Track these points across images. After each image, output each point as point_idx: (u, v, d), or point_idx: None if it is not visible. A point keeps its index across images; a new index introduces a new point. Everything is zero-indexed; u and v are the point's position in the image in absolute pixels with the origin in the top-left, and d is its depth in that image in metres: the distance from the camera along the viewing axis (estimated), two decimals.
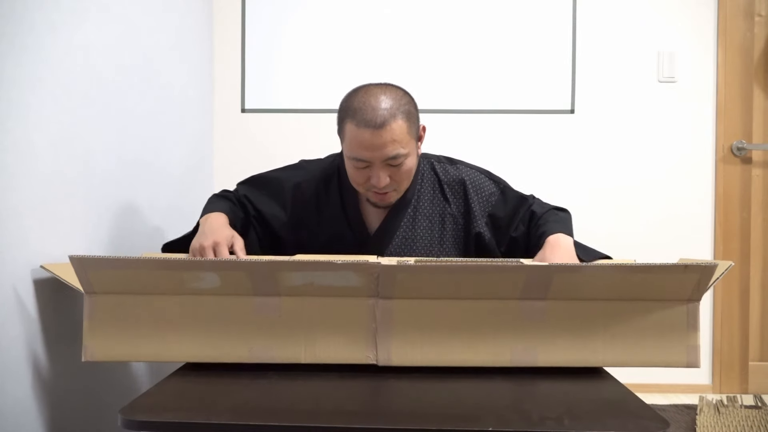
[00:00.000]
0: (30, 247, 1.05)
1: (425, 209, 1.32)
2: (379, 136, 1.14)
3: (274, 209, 1.33)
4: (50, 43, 1.11)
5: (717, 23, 2.21)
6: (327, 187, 1.33)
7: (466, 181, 1.33)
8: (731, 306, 2.24)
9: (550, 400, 0.86)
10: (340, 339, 0.93)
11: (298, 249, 1.31)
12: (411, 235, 1.31)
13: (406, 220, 1.31)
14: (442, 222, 1.32)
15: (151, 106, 1.59)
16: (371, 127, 1.14)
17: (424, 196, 1.33)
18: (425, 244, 1.31)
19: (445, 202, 1.33)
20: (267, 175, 1.39)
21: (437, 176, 1.34)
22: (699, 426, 1.84)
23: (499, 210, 1.33)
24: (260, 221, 1.35)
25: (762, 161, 2.24)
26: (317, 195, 1.32)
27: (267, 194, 1.34)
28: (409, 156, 1.20)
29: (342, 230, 1.32)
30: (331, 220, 1.32)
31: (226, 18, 2.22)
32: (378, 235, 1.31)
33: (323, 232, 1.32)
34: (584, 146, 2.23)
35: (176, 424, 0.77)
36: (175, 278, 0.91)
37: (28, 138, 1.04)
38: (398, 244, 1.30)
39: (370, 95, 1.17)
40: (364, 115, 1.14)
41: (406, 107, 1.19)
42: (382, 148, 1.15)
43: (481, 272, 0.91)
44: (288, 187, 1.33)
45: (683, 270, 0.90)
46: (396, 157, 1.17)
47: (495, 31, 2.21)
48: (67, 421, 1.15)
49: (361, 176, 1.21)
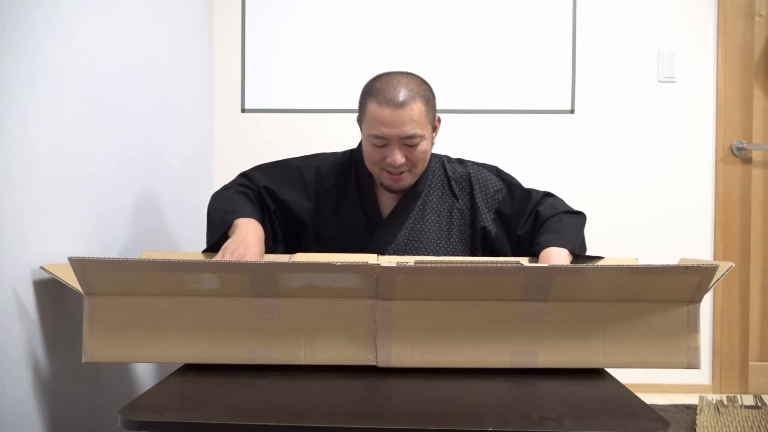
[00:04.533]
0: (30, 247, 1.05)
1: (434, 204, 1.36)
2: (399, 114, 1.20)
3: (299, 198, 1.35)
4: (50, 43, 1.11)
5: (717, 23, 2.21)
6: (345, 176, 1.37)
7: (472, 176, 1.37)
8: (731, 306, 2.24)
9: (550, 400, 0.86)
10: (339, 340, 0.93)
11: (316, 237, 1.33)
12: (419, 227, 1.34)
13: (415, 212, 1.34)
14: (449, 216, 1.35)
15: (151, 106, 1.59)
16: (392, 105, 1.21)
17: (433, 191, 1.37)
18: (433, 236, 1.34)
19: (453, 197, 1.37)
20: (286, 164, 1.39)
21: (446, 173, 1.39)
22: (699, 426, 1.84)
23: (507, 206, 1.36)
24: (283, 212, 1.35)
25: (762, 161, 2.24)
26: (336, 184, 1.36)
27: (289, 183, 1.36)
28: (425, 139, 1.26)
29: (357, 219, 1.35)
30: (348, 209, 1.35)
31: (226, 18, 2.22)
32: (388, 222, 1.34)
33: (339, 221, 1.35)
34: (584, 146, 2.23)
35: (176, 424, 0.77)
36: (174, 279, 0.91)
37: (28, 138, 1.04)
38: (406, 234, 1.33)
39: (392, 78, 1.25)
40: (386, 95, 1.22)
41: (425, 92, 1.26)
42: (401, 125, 1.21)
43: (481, 273, 0.91)
44: (309, 177, 1.36)
45: (684, 271, 0.90)
46: (413, 136, 1.22)
47: (495, 31, 2.21)
48: (67, 421, 1.15)
49: (377, 154, 1.26)
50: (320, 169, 1.37)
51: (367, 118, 1.25)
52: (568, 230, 1.26)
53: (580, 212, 1.36)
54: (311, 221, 1.36)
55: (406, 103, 1.21)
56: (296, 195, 1.35)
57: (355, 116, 1.34)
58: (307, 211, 1.35)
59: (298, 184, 1.36)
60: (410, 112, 1.21)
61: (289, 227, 1.37)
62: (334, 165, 1.38)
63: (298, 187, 1.36)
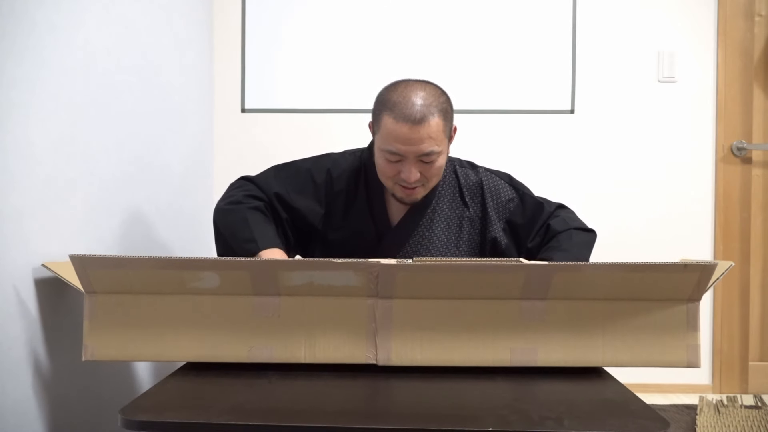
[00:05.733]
0: (31, 246, 1.05)
1: (444, 212, 1.33)
2: (416, 131, 1.16)
3: (311, 203, 1.31)
4: (50, 44, 1.12)
5: (717, 23, 2.21)
6: (356, 181, 1.33)
7: (484, 184, 1.34)
8: (731, 306, 2.24)
9: (550, 400, 0.86)
10: (339, 339, 0.93)
11: (323, 241, 1.31)
12: (428, 236, 1.32)
13: (424, 220, 1.32)
14: (459, 225, 1.33)
15: (151, 106, 1.59)
16: (410, 122, 1.15)
17: (444, 198, 1.34)
18: (441, 245, 1.31)
19: (464, 206, 1.34)
20: (295, 167, 1.35)
21: (458, 180, 1.35)
22: (699, 426, 1.84)
23: (518, 217, 1.33)
24: (295, 219, 1.32)
25: (762, 161, 2.24)
26: (347, 188, 1.33)
27: (300, 188, 1.32)
28: (442, 154, 1.22)
29: (365, 225, 1.32)
30: (357, 214, 1.32)
31: (226, 18, 2.22)
32: (397, 230, 1.32)
33: (348, 226, 1.33)
34: (584, 146, 2.23)
35: (176, 424, 0.77)
36: (175, 278, 0.91)
37: (28, 138, 1.04)
38: (415, 243, 1.31)
39: (409, 90, 1.19)
40: (403, 110, 1.16)
41: (443, 105, 1.20)
42: (418, 143, 1.17)
43: (480, 272, 0.91)
44: (320, 180, 1.32)
45: (683, 269, 0.90)
46: (430, 153, 1.19)
47: (495, 31, 2.21)
48: (67, 421, 1.15)
49: (391, 169, 1.22)
50: (330, 171, 1.33)
51: (381, 132, 1.20)
52: (576, 250, 1.24)
53: (591, 230, 1.33)
54: (322, 226, 1.33)
55: (425, 119, 1.15)
56: (307, 201, 1.31)
57: (356, 116, 1.33)
58: (318, 216, 1.32)
59: (309, 189, 1.32)
60: (428, 129, 1.16)
61: (300, 233, 1.35)
62: (345, 168, 1.34)
63: (308, 192, 1.32)
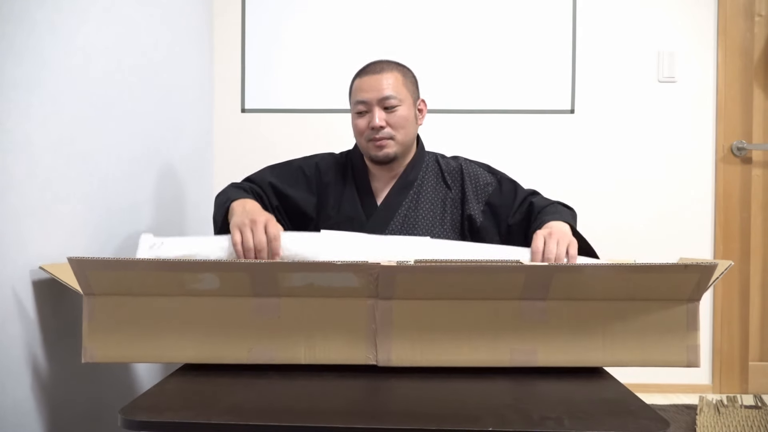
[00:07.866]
0: (29, 247, 1.05)
1: (428, 193, 1.42)
2: (376, 80, 1.35)
3: (303, 193, 1.42)
4: (51, 44, 1.11)
5: (717, 23, 2.21)
6: (344, 172, 1.46)
7: (464, 170, 1.44)
8: (731, 306, 2.24)
9: (550, 400, 0.86)
10: (339, 340, 0.93)
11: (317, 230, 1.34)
12: (413, 215, 1.39)
13: (408, 200, 1.40)
14: (443, 206, 1.42)
15: (151, 106, 1.59)
16: (370, 73, 1.37)
17: (427, 182, 1.43)
18: (427, 223, 1.40)
19: (447, 188, 1.43)
20: (287, 164, 1.46)
21: (440, 166, 1.46)
22: (699, 426, 1.84)
23: (496, 198, 1.41)
24: (288, 208, 1.41)
25: (762, 161, 2.24)
26: (335, 179, 1.44)
27: (292, 181, 1.43)
28: (403, 105, 1.36)
29: (354, 209, 1.41)
30: (346, 201, 1.42)
31: (226, 18, 2.22)
32: (382, 209, 1.40)
33: (339, 213, 1.41)
34: (584, 146, 2.23)
35: (176, 424, 0.77)
36: (174, 279, 0.91)
37: (28, 138, 1.04)
38: (400, 221, 1.39)
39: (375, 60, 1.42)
40: (366, 69, 1.39)
41: (404, 69, 1.41)
42: (378, 89, 1.34)
43: (480, 272, 0.91)
44: (310, 172, 1.44)
45: (683, 270, 0.90)
46: (389, 98, 1.34)
47: (495, 31, 2.21)
48: (67, 421, 1.15)
49: (362, 122, 1.37)
50: (319, 164, 1.45)
51: (351, 94, 1.39)
52: (566, 215, 1.29)
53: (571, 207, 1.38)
54: (316, 214, 1.42)
55: (384, 70, 1.36)
56: (300, 191, 1.41)
57: None
58: (311, 204, 1.42)
59: (301, 181, 1.43)
60: (387, 79, 1.35)
61: (296, 223, 1.42)
62: (333, 162, 1.46)
63: (300, 183, 1.43)
